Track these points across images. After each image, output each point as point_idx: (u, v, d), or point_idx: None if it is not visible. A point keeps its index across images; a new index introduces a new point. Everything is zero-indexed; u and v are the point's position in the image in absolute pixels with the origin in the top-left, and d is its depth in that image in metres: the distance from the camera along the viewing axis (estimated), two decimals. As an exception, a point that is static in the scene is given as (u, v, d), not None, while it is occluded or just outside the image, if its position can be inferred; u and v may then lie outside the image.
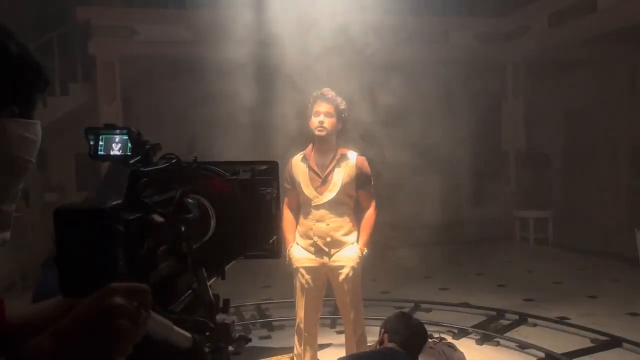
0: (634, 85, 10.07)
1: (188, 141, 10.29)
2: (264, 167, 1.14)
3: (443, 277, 6.90)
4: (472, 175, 10.27)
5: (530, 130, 9.86)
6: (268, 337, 4.98)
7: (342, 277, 3.46)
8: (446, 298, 5.98)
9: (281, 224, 1.01)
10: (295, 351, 3.67)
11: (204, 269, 0.91)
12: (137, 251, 0.77)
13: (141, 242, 0.77)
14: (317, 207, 3.44)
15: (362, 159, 3.52)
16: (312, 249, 3.48)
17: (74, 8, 7.84)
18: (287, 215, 3.64)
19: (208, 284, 1.02)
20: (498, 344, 4.57)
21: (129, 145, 0.94)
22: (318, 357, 3.77)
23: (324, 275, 3.55)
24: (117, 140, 0.95)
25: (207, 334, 0.93)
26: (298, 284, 3.54)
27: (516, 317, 5.18)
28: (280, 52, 8.90)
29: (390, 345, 2.44)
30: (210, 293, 0.94)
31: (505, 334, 4.75)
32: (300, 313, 3.55)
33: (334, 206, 3.43)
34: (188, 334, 0.82)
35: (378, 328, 3.36)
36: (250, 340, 1.07)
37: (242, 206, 1.02)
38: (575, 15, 8.12)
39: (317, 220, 3.45)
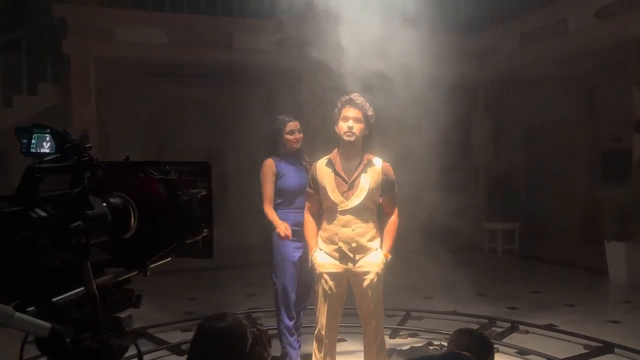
0: (591, 104, 10.63)
1: (157, 144, 10.06)
2: (195, 168, 1.19)
3: (425, 286, 6.99)
4: (442, 187, 10.49)
5: (499, 144, 10.20)
6: (266, 346, 4.89)
7: (366, 282, 3.46)
8: (434, 306, 6.07)
9: (210, 223, 1.09)
10: (314, 358, 3.62)
11: (89, 264, 0.95)
12: (9, 241, 0.81)
13: (16, 233, 0.82)
14: (343, 212, 3.43)
15: (388, 165, 3.55)
16: (337, 254, 3.46)
17: (51, 5, 7.54)
18: (309, 220, 3.61)
19: (126, 277, 1.08)
20: (498, 350, 4.66)
21: (55, 144, 1.02)
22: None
23: (347, 282, 3.53)
24: (47, 139, 1.03)
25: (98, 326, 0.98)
26: (321, 290, 3.50)
27: (508, 324, 5.31)
28: (259, 60, 8.87)
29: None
30: (95, 287, 0.97)
31: (502, 341, 4.86)
32: (322, 320, 3.51)
33: (360, 211, 3.43)
34: (46, 324, 0.87)
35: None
36: (142, 334, 1.11)
37: (163, 205, 1.07)
38: (546, 36, 8.50)
39: (343, 226, 3.43)
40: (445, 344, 4.78)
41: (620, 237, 7.10)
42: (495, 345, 4.73)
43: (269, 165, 3.89)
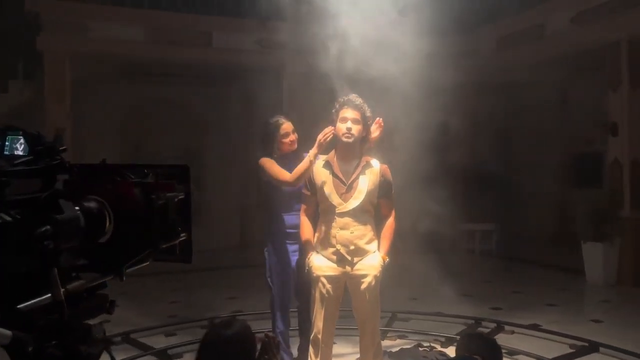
0: (566, 107, 10.85)
1: (134, 144, 9.84)
2: (174, 171, 1.16)
3: (408, 287, 7.00)
4: (419, 188, 10.56)
5: (475, 146, 10.32)
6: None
7: (364, 285, 3.41)
8: (419, 307, 6.08)
9: (189, 228, 1.10)
10: (309, 363, 3.56)
11: (55, 269, 0.93)
12: None
13: None
14: (342, 214, 3.38)
15: (385, 167, 3.52)
16: (334, 257, 3.41)
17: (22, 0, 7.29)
18: (305, 222, 3.55)
19: (101, 283, 1.05)
20: (487, 351, 4.69)
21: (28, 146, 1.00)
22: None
23: (344, 284, 3.49)
24: (21, 141, 1.01)
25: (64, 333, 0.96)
26: (318, 294, 3.44)
27: (494, 324, 5.36)
28: (238, 59, 8.74)
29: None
30: (62, 293, 0.95)
31: (490, 342, 4.89)
32: (320, 324, 3.45)
33: (358, 214, 3.39)
34: (6, 332, 0.85)
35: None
36: (112, 342, 1.10)
37: (139, 209, 1.06)
38: (523, 41, 8.63)
39: (341, 228, 3.38)
40: (435, 345, 4.81)
41: (596, 238, 7.25)
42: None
43: (267, 158, 3.70)
